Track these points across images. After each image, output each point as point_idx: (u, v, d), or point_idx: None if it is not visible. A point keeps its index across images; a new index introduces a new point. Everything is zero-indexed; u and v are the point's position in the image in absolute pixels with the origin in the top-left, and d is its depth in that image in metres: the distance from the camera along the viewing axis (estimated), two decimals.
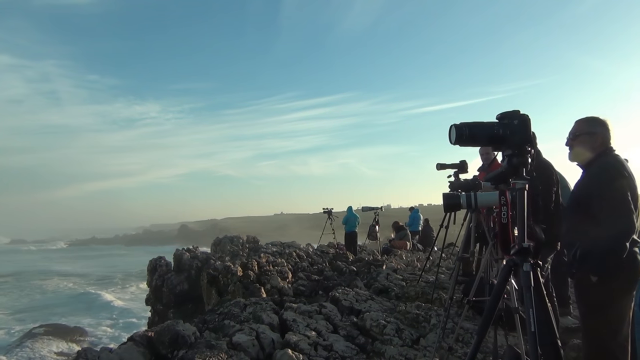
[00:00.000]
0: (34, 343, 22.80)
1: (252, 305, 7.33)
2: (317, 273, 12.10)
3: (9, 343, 23.32)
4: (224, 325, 6.29)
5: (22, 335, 24.33)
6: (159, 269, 16.11)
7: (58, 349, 22.18)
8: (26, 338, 23.69)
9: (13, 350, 21.89)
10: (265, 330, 5.80)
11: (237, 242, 18.71)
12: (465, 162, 6.84)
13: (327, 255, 15.27)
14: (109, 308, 32.80)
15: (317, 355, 5.32)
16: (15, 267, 63.58)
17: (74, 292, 41.06)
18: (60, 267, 64.32)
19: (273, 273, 11.33)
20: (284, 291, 10.05)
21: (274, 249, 15.55)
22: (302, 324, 6.12)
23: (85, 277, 51.48)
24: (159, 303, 15.80)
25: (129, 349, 5.42)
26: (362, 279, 10.50)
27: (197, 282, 14.42)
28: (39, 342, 22.83)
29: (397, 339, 5.84)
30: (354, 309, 7.08)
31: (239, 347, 5.33)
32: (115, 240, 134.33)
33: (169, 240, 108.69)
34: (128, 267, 56.38)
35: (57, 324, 26.81)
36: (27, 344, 22.65)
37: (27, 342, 22.91)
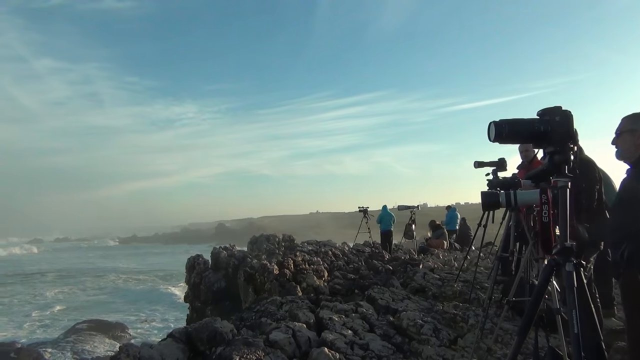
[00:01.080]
0: (78, 338, 23.48)
1: (288, 303, 7.37)
2: (353, 272, 12.07)
3: (54, 338, 24.07)
4: (261, 323, 6.35)
5: (67, 330, 25.08)
6: (197, 267, 16.37)
7: (100, 344, 22.76)
8: (70, 333, 24.41)
9: (58, 345, 22.60)
10: (301, 328, 5.82)
11: (273, 240, 18.85)
12: (504, 159, 6.72)
13: (362, 254, 15.21)
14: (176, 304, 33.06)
15: (354, 354, 5.31)
16: (72, 263, 65.83)
17: (141, 288, 42.12)
18: (115, 263, 66.23)
19: (309, 272, 11.36)
20: (320, 290, 10.07)
21: (310, 248, 15.59)
22: (339, 323, 6.12)
23: (145, 272, 52.72)
24: (197, 300, 16.06)
25: (168, 345, 5.53)
26: (399, 278, 10.42)
27: (234, 280, 14.58)
28: (83, 337, 23.49)
29: (435, 339, 5.77)
30: (390, 308, 7.04)
31: (275, 344, 5.37)
32: (154, 238, 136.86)
33: (207, 239, 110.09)
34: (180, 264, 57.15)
35: (99, 319, 27.51)
36: (70, 339, 23.35)
37: (71, 337, 23.61)
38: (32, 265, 63.17)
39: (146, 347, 5.40)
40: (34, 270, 56.32)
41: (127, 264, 66.08)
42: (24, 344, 21.76)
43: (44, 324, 28.23)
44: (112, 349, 21.22)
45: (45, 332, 26.23)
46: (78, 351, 21.42)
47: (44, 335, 25.61)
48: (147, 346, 5.45)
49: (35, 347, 21.83)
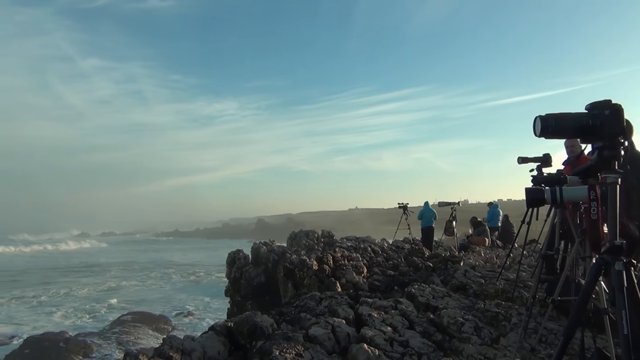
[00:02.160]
0: (123, 329, 24.20)
1: (327, 299, 7.39)
2: (393, 268, 12.01)
3: (101, 329, 24.87)
4: (300, 318, 6.39)
5: (113, 322, 25.88)
6: (238, 262, 16.59)
7: (144, 336, 23.39)
8: (116, 325, 25.19)
9: (104, 335, 23.34)
10: (340, 324, 5.83)
11: (313, 236, 18.92)
12: (549, 155, 6.53)
13: (402, 250, 15.11)
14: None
15: (393, 350, 5.29)
16: (130, 257, 68.07)
17: (185, 281, 43.18)
18: (163, 257, 68.07)
19: (348, 267, 11.36)
20: (359, 286, 10.05)
21: (349, 244, 15.59)
22: (378, 319, 6.10)
23: (190, 266, 53.95)
24: (238, 294, 16.29)
25: (210, 338, 5.63)
26: (439, 275, 10.31)
27: (273, 275, 14.72)
28: (127, 329, 24.20)
29: (476, 337, 5.69)
30: (431, 305, 6.97)
31: (315, 340, 5.40)
32: (196, 233, 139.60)
33: (247, 234, 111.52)
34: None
35: (144, 312, 28.26)
36: (116, 330, 24.09)
37: (117, 328, 24.36)
38: (98, 258, 65.40)
39: (189, 340, 5.52)
40: (98, 263, 58.46)
41: (172, 257, 67.76)
42: (72, 335, 22.57)
43: (95, 315, 29.19)
44: (156, 340, 21.80)
45: (95, 322, 27.12)
46: (123, 342, 22.08)
47: (94, 324, 26.49)
48: (189, 338, 5.56)
49: (83, 337, 22.63)
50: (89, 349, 21.06)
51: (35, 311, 30.00)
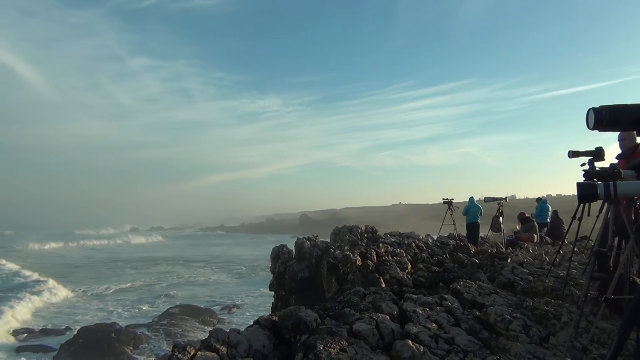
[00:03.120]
0: (171, 321, 24.91)
1: (371, 294, 7.37)
2: (438, 265, 11.86)
3: (150, 321, 25.65)
4: (345, 314, 6.40)
5: (161, 314, 26.66)
6: (282, 257, 16.74)
7: (191, 328, 24.00)
8: (164, 317, 25.95)
9: (153, 327, 24.08)
10: (385, 320, 5.80)
11: (356, 232, 18.86)
12: (602, 149, 6.30)
13: (447, 246, 14.91)
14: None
15: (438, 348, 5.23)
16: (181, 251, 70.25)
17: (231, 275, 44.17)
18: (216, 251, 69.83)
19: (392, 263, 11.29)
20: (404, 282, 9.98)
21: (393, 240, 15.48)
22: (423, 316, 6.04)
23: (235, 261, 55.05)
24: (282, 289, 16.44)
25: (255, 332, 5.71)
26: (485, 272, 10.11)
27: (317, 271, 14.79)
28: (175, 321, 24.90)
29: (524, 336, 5.55)
30: (477, 302, 6.85)
31: (359, 335, 5.40)
32: (241, 228, 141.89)
33: (291, 230, 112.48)
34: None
35: (190, 305, 29.00)
36: (164, 322, 24.82)
37: (165, 321, 25.10)
38: (152, 252, 67.47)
39: (235, 333, 5.61)
40: (151, 257, 60.42)
41: (218, 252, 69.15)
42: (122, 326, 23.37)
43: (145, 307, 30.10)
44: (202, 333, 22.32)
45: (145, 314, 27.98)
46: (171, 334, 22.73)
47: (144, 316, 27.33)
48: (235, 332, 5.66)
49: (133, 329, 23.40)
50: (139, 340, 21.78)
51: (89, 302, 31.19)
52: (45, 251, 72.83)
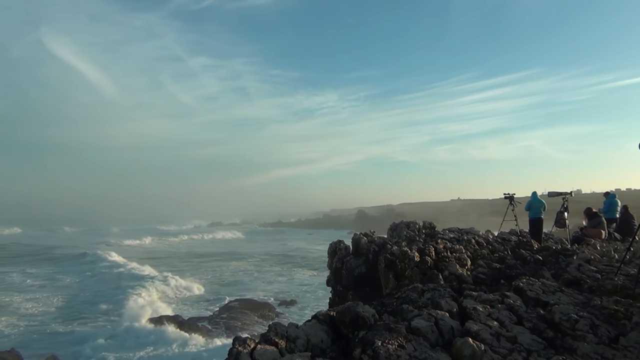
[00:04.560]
0: (230, 314, 25.53)
1: (430, 291, 7.28)
2: (498, 261, 11.56)
3: (210, 314, 26.39)
4: (403, 310, 6.35)
5: (221, 307, 27.37)
6: (339, 252, 16.77)
7: (250, 321, 24.51)
8: (224, 310, 26.63)
9: (214, 320, 24.76)
10: (444, 317, 5.72)
11: (414, 227, 18.63)
12: None
13: (509, 242, 14.50)
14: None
15: (500, 346, 5.10)
16: (240, 246, 72.33)
17: (286, 270, 44.93)
18: (274, 246, 71.36)
19: (451, 260, 11.10)
20: (463, 278, 9.79)
21: (452, 235, 15.20)
22: (483, 313, 5.91)
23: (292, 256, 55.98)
24: (339, 285, 16.48)
25: (313, 326, 5.77)
26: (549, 269, 9.79)
27: (374, 266, 14.72)
28: (234, 315, 25.50)
29: (592, 335, 5.33)
30: (541, 300, 6.63)
31: (417, 332, 5.34)
32: (298, 224, 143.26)
33: (347, 225, 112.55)
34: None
35: (249, 299, 29.62)
36: (224, 315, 25.46)
37: (225, 314, 25.74)
38: (240, 248, 69.54)
39: (293, 327, 5.69)
40: (214, 252, 62.56)
41: (277, 247, 70.26)
42: (185, 319, 24.17)
43: (207, 300, 30.96)
44: (261, 326, 22.75)
45: (206, 307, 28.80)
46: (231, 327, 23.30)
47: (206, 309, 28.15)
48: (293, 326, 5.73)
49: (195, 321, 24.13)
50: (201, 332, 22.44)
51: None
52: (144, 246, 76.39)
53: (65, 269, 44.28)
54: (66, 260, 51.21)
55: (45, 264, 47.94)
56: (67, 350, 19.83)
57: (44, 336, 22.19)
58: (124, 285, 34.01)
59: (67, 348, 20.14)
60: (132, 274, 39.53)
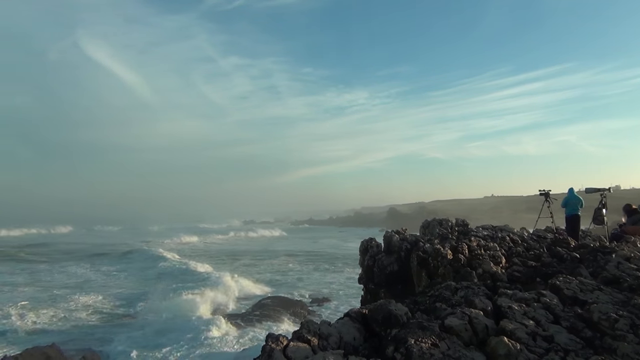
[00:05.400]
0: (263, 312, 25.75)
1: (463, 289, 7.20)
2: (534, 259, 11.34)
3: (243, 312, 26.68)
4: (436, 308, 6.29)
5: (254, 305, 27.62)
6: (370, 250, 16.71)
7: (283, 319, 24.65)
8: (257, 308, 26.87)
9: (247, 317, 25.01)
10: (478, 315, 5.65)
11: (446, 225, 18.41)
12: None
13: (544, 240, 14.21)
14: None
15: (536, 345, 5.01)
16: (272, 245, 73.30)
17: (319, 268, 45.29)
18: (304, 244, 71.89)
19: (485, 257, 10.95)
20: (497, 276, 9.64)
21: (485, 233, 14.99)
22: (519, 312, 5.81)
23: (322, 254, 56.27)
24: (371, 282, 16.43)
25: (345, 324, 5.77)
26: (587, 267, 9.55)
27: (406, 264, 14.63)
28: (267, 312, 25.70)
29: (632, 335, 5.18)
30: (578, 299, 6.48)
31: (451, 330, 5.29)
32: (329, 222, 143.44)
33: (379, 222, 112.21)
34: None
35: (282, 296, 29.79)
36: (257, 313, 25.70)
37: (258, 311, 25.99)
38: (276, 246, 70.47)
39: (325, 325, 5.70)
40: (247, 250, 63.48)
41: (307, 245, 70.58)
42: (223, 315, 24.53)
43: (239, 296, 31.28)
44: (293, 324, 22.87)
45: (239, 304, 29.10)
46: (263, 324, 23.49)
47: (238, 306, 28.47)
48: (326, 323, 5.75)
49: (230, 318, 24.46)
50: (235, 329, 22.72)
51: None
52: (190, 244, 78.00)
53: (117, 266, 45.78)
54: (116, 257, 53.03)
55: (96, 261, 49.63)
56: (108, 346, 20.30)
57: (89, 331, 22.79)
58: (173, 281, 35.09)
59: (108, 344, 20.61)
60: (182, 270, 40.64)
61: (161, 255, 50.98)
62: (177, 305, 26.97)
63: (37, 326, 23.15)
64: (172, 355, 18.83)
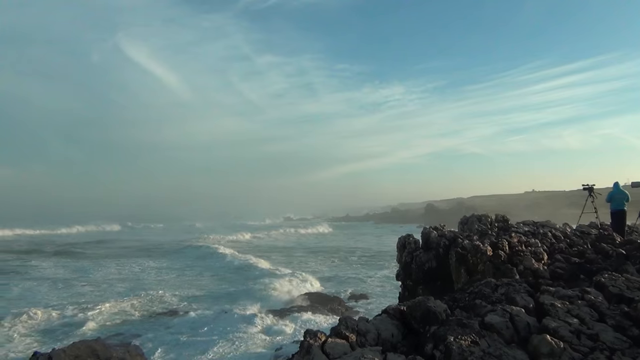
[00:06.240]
0: (301, 308, 25.91)
1: (504, 286, 7.08)
2: (577, 255, 11.05)
3: (280, 308, 26.88)
4: (475, 305, 6.21)
5: (292, 300, 27.85)
6: (408, 247, 16.59)
7: (320, 315, 24.74)
8: (295, 303, 27.07)
9: (284, 313, 25.20)
10: (519, 312, 5.54)
11: (485, 221, 18.10)
12: None
13: (588, 236, 13.83)
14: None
15: (581, 344, 4.88)
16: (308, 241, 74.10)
17: (354, 265, 45.52)
18: (341, 241, 72.17)
19: (526, 254, 10.74)
20: (539, 273, 9.45)
21: (526, 229, 14.69)
22: (562, 310, 5.67)
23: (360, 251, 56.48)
24: (408, 279, 16.33)
25: (383, 321, 5.75)
26: (634, 263, 9.27)
27: (445, 260, 14.47)
28: (304, 308, 25.86)
29: None
30: (625, 297, 6.28)
31: (491, 328, 5.21)
32: (366, 218, 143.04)
33: (416, 219, 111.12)
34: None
35: (319, 293, 29.92)
36: (295, 309, 25.88)
37: (295, 307, 26.16)
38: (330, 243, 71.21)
39: (363, 321, 5.70)
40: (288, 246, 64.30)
41: (344, 241, 70.66)
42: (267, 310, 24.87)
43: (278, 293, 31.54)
44: (331, 320, 22.92)
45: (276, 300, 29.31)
46: (301, 320, 23.62)
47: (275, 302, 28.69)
48: (364, 320, 5.75)
49: (268, 313, 24.71)
50: (271, 324, 22.94)
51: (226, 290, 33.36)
52: (244, 240, 79.56)
53: (175, 262, 46.91)
54: (173, 253, 54.46)
55: (154, 257, 51.02)
56: (153, 340, 20.76)
57: (138, 326, 23.36)
58: (234, 277, 36.17)
59: (152, 339, 21.09)
60: (244, 265, 41.61)
61: (219, 251, 52.04)
62: (229, 300, 27.59)
63: (91, 320, 23.85)
64: (211, 350, 19.11)
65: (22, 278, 36.78)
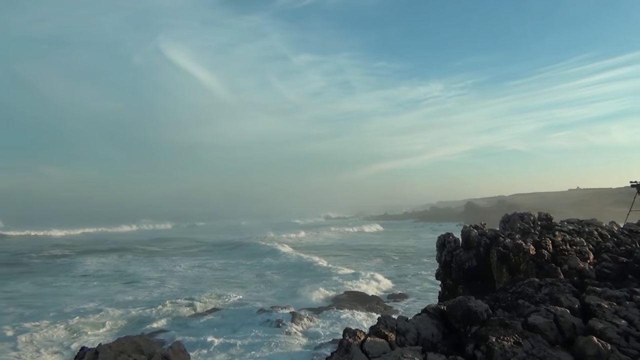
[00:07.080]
0: (339, 306, 25.94)
1: (548, 286, 6.92)
2: (625, 255, 10.70)
3: (318, 306, 26.95)
4: (518, 305, 6.09)
5: (331, 299, 27.91)
6: (447, 245, 16.41)
7: (358, 314, 24.70)
8: (333, 303, 27.11)
9: (322, 312, 25.28)
10: (564, 313, 5.41)
11: (528, 219, 17.72)
12: None
13: (637, 234, 13.37)
14: None
15: (629, 346, 4.73)
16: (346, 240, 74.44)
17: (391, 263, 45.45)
18: (379, 240, 72.08)
19: (571, 253, 10.46)
20: (585, 273, 9.19)
21: (571, 227, 14.30)
22: (609, 311, 5.50)
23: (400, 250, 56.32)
24: (448, 278, 16.13)
25: (423, 320, 5.71)
26: None
27: (485, 259, 14.25)
28: (343, 307, 25.87)
29: None
30: None
31: (535, 328, 5.10)
32: (404, 216, 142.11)
33: (456, 217, 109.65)
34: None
35: (358, 292, 29.85)
36: (333, 307, 25.91)
37: (334, 306, 26.20)
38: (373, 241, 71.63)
39: (403, 320, 5.67)
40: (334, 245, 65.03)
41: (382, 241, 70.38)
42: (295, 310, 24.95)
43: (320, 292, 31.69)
44: (369, 319, 22.87)
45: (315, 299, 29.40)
46: (339, 319, 23.65)
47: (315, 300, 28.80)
48: (403, 319, 5.72)
49: (306, 312, 24.83)
50: (306, 324, 23.05)
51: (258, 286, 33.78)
52: (300, 238, 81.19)
53: (233, 259, 48.26)
54: (229, 250, 56.13)
55: (214, 255, 52.74)
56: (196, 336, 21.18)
57: (188, 322, 23.92)
58: (296, 275, 37.34)
59: (197, 335, 21.51)
60: (304, 264, 42.75)
61: (277, 248, 53.29)
62: (282, 299, 28.16)
63: (161, 317, 24.61)
64: (253, 348, 19.33)
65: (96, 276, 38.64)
